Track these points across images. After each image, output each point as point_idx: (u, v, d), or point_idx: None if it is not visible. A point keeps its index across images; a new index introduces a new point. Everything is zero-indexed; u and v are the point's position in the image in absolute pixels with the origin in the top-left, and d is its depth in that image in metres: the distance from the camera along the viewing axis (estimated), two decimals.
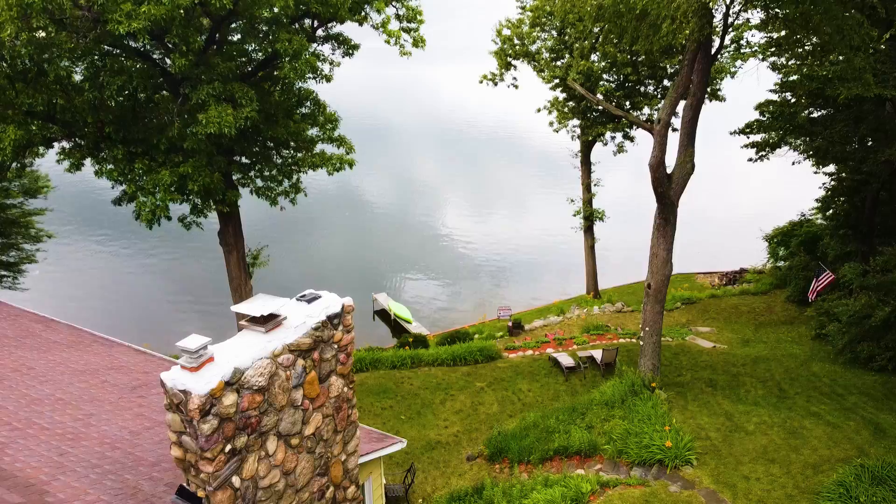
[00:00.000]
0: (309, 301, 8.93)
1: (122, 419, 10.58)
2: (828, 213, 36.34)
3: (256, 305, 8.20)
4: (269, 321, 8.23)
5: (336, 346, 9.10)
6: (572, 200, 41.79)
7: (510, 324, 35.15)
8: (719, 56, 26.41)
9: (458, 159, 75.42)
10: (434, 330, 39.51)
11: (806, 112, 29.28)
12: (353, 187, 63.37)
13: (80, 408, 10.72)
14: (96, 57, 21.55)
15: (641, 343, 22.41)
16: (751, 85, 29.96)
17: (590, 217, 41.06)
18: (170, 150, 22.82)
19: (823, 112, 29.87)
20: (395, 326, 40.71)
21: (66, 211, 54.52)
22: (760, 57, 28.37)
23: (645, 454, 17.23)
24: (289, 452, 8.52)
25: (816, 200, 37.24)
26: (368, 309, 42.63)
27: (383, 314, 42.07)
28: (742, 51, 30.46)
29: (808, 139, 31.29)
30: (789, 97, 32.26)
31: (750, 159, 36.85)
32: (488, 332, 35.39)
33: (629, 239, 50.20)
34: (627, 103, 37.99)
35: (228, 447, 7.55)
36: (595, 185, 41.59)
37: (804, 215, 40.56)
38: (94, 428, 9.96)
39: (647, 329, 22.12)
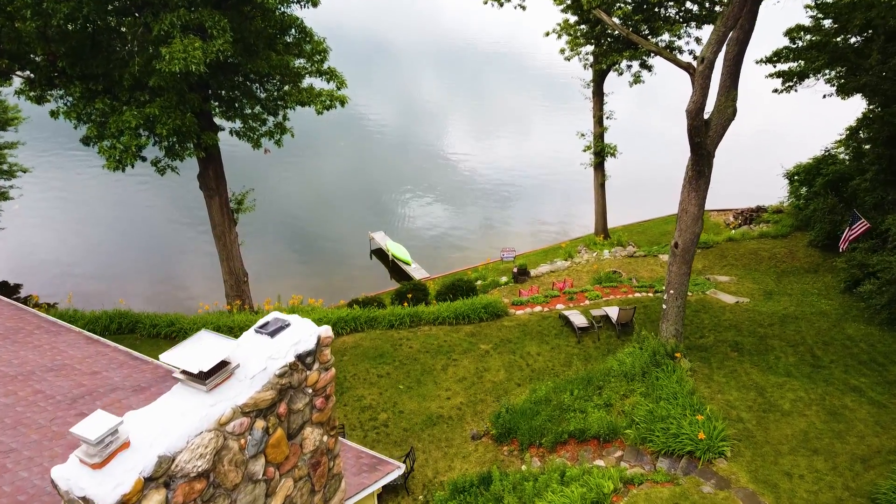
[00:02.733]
0: (272, 334, 6.63)
1: (48, 455, 8.48)
2: (861, 153, 33.70)
3: (195, 354, 5.90)
4: (213, 375, 5.96)
5: (311, 391, 6.88)
6: (583, 135, 38.87)
7: (515, 269, 33.07)
8: None
9: (459, 84, 71.66)
10: (434, 272, 37.48)
11: (852, 40, 26.18)
12: (348, 113, 59.98)
13: None
14: None
15: (664, 306, 20.28)
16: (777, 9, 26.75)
17: (601, 153, 38.27)
18: (135, 88, 20.05)
19: (867, 40, 26.80)
20: (394, 267, 38.66)
21: (58, 141, 51.32)
22: None
23: (673, 444, 15.35)
24: None
25: (849, 136, 34.47)
26: (365, 248, 40.51)
27: (380, 254, 39.89)
28: None
29: (848, 70, 28.32)
30: (825, 23, 29.09)
31: (775, 90, 33.89)
32: (492, 279, 33.34)
33: (635, 171, 47.72)
34: (645, 28, 34.67)
35: None
36: (607, 117, 38.60)
37: (828, 151, 37.72)
38: (7, 476, 7.86)
39: (671, 292, 19.95)
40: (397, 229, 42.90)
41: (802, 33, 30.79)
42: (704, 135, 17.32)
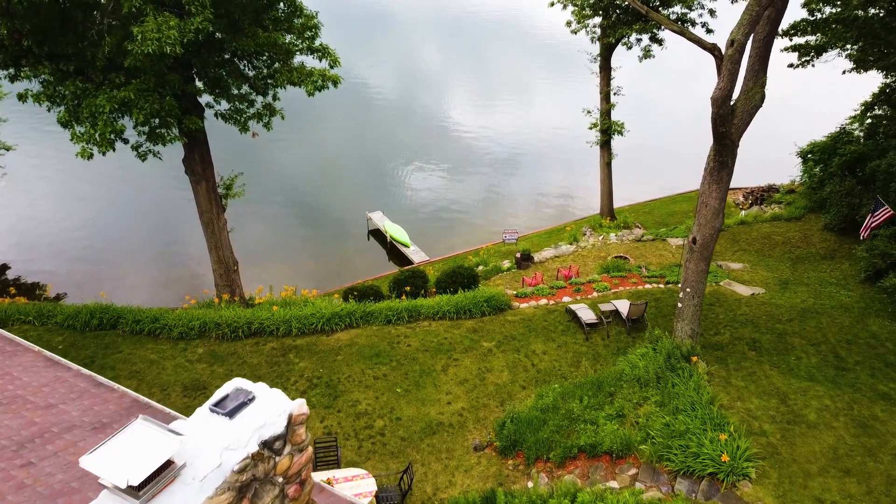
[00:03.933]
0: (231, 413, 5.28)
1: None
2: (876, 130, 32.24)
3: (126, 456, 4.57)
4: (150, 483, 4.63)
5: (281, 480, 5.58)
6: (589, 111, 37.24)
7: (518, 255, 31.76)
8: None
9: (460, 52, 69.61)
10: (433, 255, 36.20)
11: (881, 14, 24.52)
12: (345, 83, 58.04)
13: None
14: None
15: (679, 305, 18.99)
16: None
17: (607, 130, 36.71)
18: (109, 69, 18.48)
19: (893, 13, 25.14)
20: (392, 249, 37.37)
21: (47, 117, 49.49)
22: None
23: (693, 464, 14.16)
24: None
25: (863, 111, 32.98)
26: (363, 229, 39.16)
27: (378, 234, 38.58)
28: None
29: (873, 46, 26.71)
30: None
31: (791, 65, 32.32)
32: (493, 264, 32.04)
33: (640, 145, 46.23)
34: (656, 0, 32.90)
35: None
36: (615, 93, 36.94)
37: (844, 128, 36.08)
38: None
39: (687, 290, 18.65)
40: (395, 206, 41.46)
41: (821, 5, 29.12)
42: (730, 123, 15.85)
